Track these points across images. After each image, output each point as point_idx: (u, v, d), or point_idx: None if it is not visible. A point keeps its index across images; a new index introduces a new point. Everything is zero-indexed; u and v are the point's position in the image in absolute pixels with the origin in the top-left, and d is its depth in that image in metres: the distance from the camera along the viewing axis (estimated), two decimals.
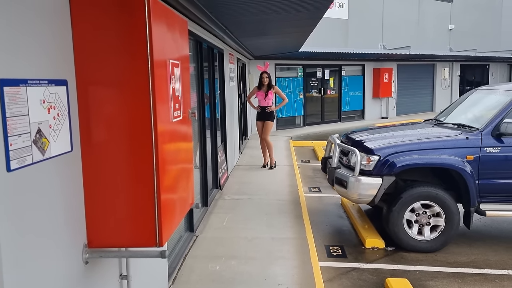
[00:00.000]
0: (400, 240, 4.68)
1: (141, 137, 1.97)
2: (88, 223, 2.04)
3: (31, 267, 1.63)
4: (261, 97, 8.22)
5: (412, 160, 4.63)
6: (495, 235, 5.24)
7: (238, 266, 3.99)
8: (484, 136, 4.62)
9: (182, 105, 2.46)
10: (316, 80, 15.46)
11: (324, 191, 7.11)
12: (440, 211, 4.61)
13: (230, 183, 7.13)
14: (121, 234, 2.05)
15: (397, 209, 4.64)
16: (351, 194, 4.81)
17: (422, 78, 19.13)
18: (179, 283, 3.68)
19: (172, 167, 2.22)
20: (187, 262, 4.09)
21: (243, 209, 5.71)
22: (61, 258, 1.84)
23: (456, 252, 4.69)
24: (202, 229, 4.95)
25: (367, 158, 4.75)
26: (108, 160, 2.01)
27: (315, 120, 15.53)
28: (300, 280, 3.73)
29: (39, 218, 1.69)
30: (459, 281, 4.04)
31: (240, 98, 10.36)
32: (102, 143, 2.00)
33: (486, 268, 4.31)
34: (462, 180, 4.57)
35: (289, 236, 4.78)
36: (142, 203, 2.01)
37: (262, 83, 8.16)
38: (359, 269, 4.30)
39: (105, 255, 2.10)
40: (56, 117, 1.78)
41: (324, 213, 5.97)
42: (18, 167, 1.53)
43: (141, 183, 2.00)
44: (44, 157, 1.70)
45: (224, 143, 7.39)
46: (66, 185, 1.88)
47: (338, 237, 5.16)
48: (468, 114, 5.32)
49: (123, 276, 2.49)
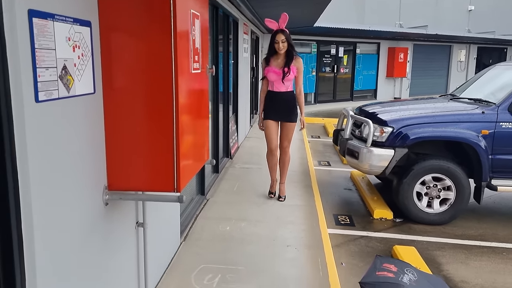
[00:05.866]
0: (409, 212, 4.71)
1: (162, 83, 1.99)
2: (109, 166, 2.09)
3: (57, 204, 1.68)
4: (275, 76, 4.58)
5: (426, 133, 4.61)
6: (504, 212, 5.25)
7: (248, 228, 4.06)
8: (500, 111, 4.57)
9: (201, 59, 2.46)
10: (330, 57, 15.28)
11: (333, 165, 7.14)
12: (451, 185, 4.61)
13: (240, 154, 7.18)
14: (140, 178, 2.10)
15: (408, 181, 4.65)
16: (363, 165, 4.82)
17: (437, 60, 18.79)
18: (190, 240, 3.77)
19: (190, 116, 2.25)
20: (198, 222, 4.17)
21: (253, 177, 5.77)
22: (83, 197, 1.90)
23: (464, 226, 4.72)
24: (212, 193, 5.02)
25: (381, 129, 4.74)
26: (129, 104, 2.04)
27: (327, 98, 15.42)
28: (308, 243, 3.80)
29: (65, 154, 1.73)
30: (466, 252, 4.08)
31: (252, 71, 10.30)
32: (123, 88, 2.03)
33: (494, 241, 4.34)
34: (475, 155, 4.55)
35: (298, 203, 4.83)
36: (161, 148, 2.04)
37: (276, 51, 4.56)
38: (366, 237, 4.36)
39: (124, 197, 2.16)
40: (80, 56, 1.81)
41: (333, 185, 6.01)
42: (45, 99, 1.57)
43: (161, 129, 2.03)
44: (69, 94, 1.73)
45: (236, 114, 7.41)
46: (89, 126, 1.92)
47: (346, 207, 5.20)
48: (485, 89, 5.25)
49: (139, 224, 2.56)
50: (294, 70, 4.58)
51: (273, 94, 4.68)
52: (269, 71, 4.62)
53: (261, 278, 3.17)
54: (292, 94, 4.72)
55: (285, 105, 4.69)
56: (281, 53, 4.56)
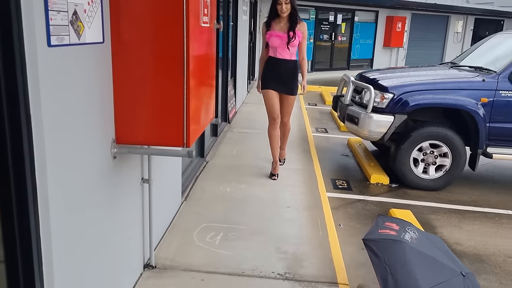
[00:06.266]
0: (405, 178, 4.78)
1: (173, 34, 1.95)
2: (117, 119, 2.07)
3: (69, 148, 1.67)
4: (278, 41, 4.18)
5: (426, 100, 4.62)
6: (497, 179, 5.36)
7: (248, 190, 4.11)
8: (501, 79, 4.58)
9: (210, 12, 2.41)
10: (328, 25, 15.05)
11: (330, 132, 7.17)
12: (448, 151, 4.67)
13: (238, 118, 7.16)
14: (149, 132, 2.09)
15: (406, 147, 4.70)
16: (362, 131, 4.84)
17: (434, 30, 18.58)
18: (191, 200, 3.81)
19: (200, 70, 2.22)
20: (198, 183, 4.20)
21: (251, 141, 5.78)
22: (93, 147, 1.89)
23: (458, 192, 4.82)
24: (212, 156, 5.04)
25: (381, 95, 4.74)
26: (138, 55, 2.00)
27: (323, 67, 15.30)
28: (308, 205, 3.86)
29: (76, 101, 1.71)
30: (459, 217, 4.18)
31: (250, 36, 10.12)
32: (132, 38, 1.98)
33: (486, 207, 4.45)
34: (473, 122, 4.59)
35: (297, 167, 4.88)
36: (171, 102, 2.02)
37: (278, 14, 4.18)
38: (363, 200, 4.44)
39: (133, 151, 2.16)
40: (90, 3, 1.75)
41: (330, 151, 6.05)
42: (57, 44, 1.53)
43: (172, 82, 2.00)
44: (79, 41, 1.69)
45: (234, 78, 7.33)
46: (98, 76, 1.89)
47: (344, 172, 5.27)
48: (486, 57, 5.24)
49: (145, 180, 2.57)
50: (299, 34, 4.19)
51: (276, 61, 4.25)
52: (272, 36, 4.20)
53: (263, 236, 3.24)
54: (295, 64, 4.32)
55: (288, 76, 4.28)
56: (284, 16, 4.15)
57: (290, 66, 4.28)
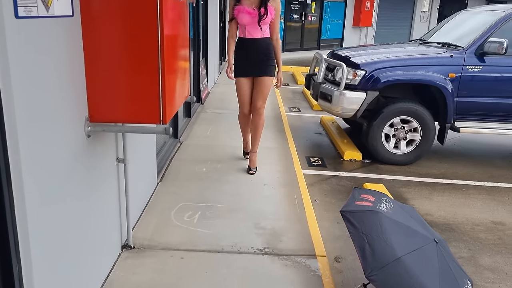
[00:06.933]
0: (377, 153, 4.90)
1: (146, 7, 1.89)
2: (90, 96, 2.00)
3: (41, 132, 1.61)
4: (248, 18, 3.72)
5: (396, 76, 4.71)
6: (463, 153, 5.57)
7: (224, 169, 4.10)
8: (468, 55, 4.71)
9: None
10: (298, 4, 14.98)
11: (303, 111, 7.22)
12: (418, 126, 4.80)
13: (211, 99, 7.09)
14: (124, 110, 2.03)
15: (377, 123, 4.80)
16: (335, 108, 4.90)
17: (402, 9, 18.85)
18: (167, 180, 3.77)
19: (174, 45, 2.17)
20: (173, 164, 4.16)
21: (225, 121, 5.75)
22: (65, 126, 1.82)
23: (427, 166, 4.98)
24: (186, 137, 4.98)
25: (354, 72, 4.79)
26: (110, 31, 1.92)
27: (294, 47, 15.28)
28: (284, 182, 3.90)
29: (45, 77, 1.63)
30: (429, 189, 4.34)
31: (220, 15, 9.95)
32: (103, 13, 1.91)
33: (454, 179, 4.63)
34: (442, 97, 4.73)
35: (272, 146, 4.90)
36: (146, 77, 1.97)
37: None
38: (338, 176, 4.52)
39: (108, 129, 2.10)
40: None
41: (304, 130, 6.11)
42: (25, 15, 1.45)
43: (146, 57, 1.95)
44: (48, 14, 1.61)
45: (206, 59, 7.22)
46: (68, 51, 1.81)
47: (318, 150, 5.34)
48: (453, 34, 5.36)
49: (120, 160, 2.52)
50: (271, 11, 3.68)
51: (246, 42, 3.79)
52: (241, 12, 3.68)
53: (241, 213, 3.26)
54: (268, 41, 3.83)
55: (261, 55, 3.80)
56: None
57: (262, 45, 3.80)
